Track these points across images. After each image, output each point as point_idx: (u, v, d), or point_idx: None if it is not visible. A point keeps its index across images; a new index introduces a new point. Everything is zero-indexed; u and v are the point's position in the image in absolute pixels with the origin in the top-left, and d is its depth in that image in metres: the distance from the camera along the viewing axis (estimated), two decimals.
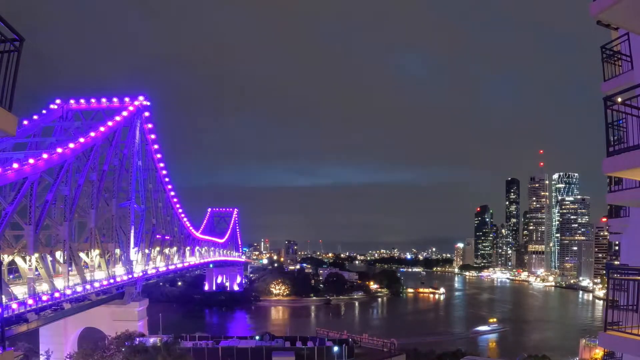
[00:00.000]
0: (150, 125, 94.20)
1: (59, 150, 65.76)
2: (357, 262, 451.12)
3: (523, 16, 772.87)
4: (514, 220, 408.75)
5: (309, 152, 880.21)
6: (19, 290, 59.10)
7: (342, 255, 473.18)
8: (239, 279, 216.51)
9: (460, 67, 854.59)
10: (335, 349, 69.88)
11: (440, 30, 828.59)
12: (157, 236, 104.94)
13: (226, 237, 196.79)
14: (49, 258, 67.24)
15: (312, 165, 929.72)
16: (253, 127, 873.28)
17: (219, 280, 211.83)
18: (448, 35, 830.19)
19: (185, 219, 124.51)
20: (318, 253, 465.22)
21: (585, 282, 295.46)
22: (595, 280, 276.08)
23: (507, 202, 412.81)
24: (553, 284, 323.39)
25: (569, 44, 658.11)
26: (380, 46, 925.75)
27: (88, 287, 70.40)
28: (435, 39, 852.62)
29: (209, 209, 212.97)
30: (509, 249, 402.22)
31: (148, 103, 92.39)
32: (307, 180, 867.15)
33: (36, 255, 60.64)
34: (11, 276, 63.13)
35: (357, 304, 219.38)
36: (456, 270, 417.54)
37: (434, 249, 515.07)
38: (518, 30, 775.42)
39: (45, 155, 62.75)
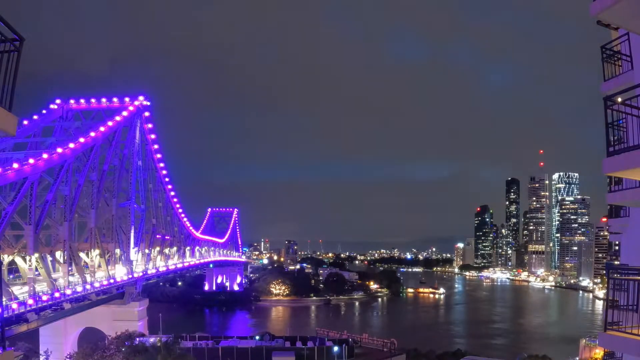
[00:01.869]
0: (150, 125, 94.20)
1: (59, 150, 65.76)
2: (357, 262, 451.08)
3: (524, 15, 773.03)
4: (514, 220, 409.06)
5: (309, 150, 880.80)
6: (19, 291, 59.13)
7: (342, 255, 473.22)
8: (239, 279, 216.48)
9: (460, 66, 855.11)
10: (335, 349, 69.81)
11: (441, 19, 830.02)
12: (157, 236, 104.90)
13: (226, 237, 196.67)
14: (49, 258, 67.25)
15: (312, 163, 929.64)
16: (253, 124, 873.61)
17: (219, 280, 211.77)
18: (448, 22, 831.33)
19: (185, 219, 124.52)
20: (318, 253, 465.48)
21: (585, 282, 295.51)
22: (595, 280, 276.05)
23: (507, 202, 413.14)
24: (553, 284, 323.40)
25: (569, 43, 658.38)
26: (380, 43, 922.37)
27: (88, 287, 70.40)
28: (434, 31, 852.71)
29: (209, 209, 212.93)
30: (509, 249, 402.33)
31: (148, 103, 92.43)
32: (307, 179, 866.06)
33: (36, 255, 60.63)
34: (11, 276, 63.13)
35: (357, 304, 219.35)
36: (456, 270, 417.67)
37: (434, 249, 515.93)
38: (518, 29, 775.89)
39: (45, 155, 62.75)
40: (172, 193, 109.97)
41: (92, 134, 75.36)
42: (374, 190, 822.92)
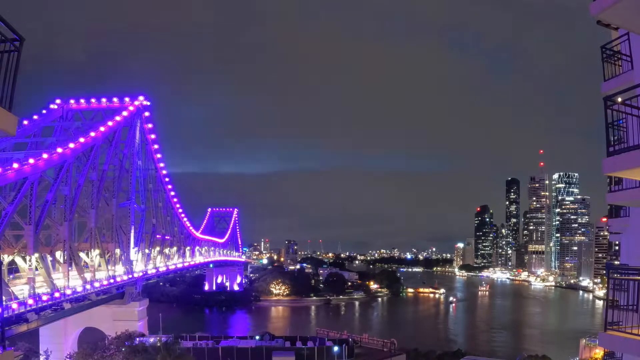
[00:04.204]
0: (150, 125, 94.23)
1: (59, 150, 65.74)
2: (357, 262, 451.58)
3: (523, 14, 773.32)
4: (514, 220, 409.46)
5: (309, 147, 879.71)
6: (19, 290, 59.11)
7: (342, 255, 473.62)
8: (239, 279, 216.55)
9: (459, 66, 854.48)
10: (335, 349, 69.82)
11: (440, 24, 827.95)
12: (157, 236, 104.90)
13: (226, 237, 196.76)
14: (49, 258, 67.24)
15: (312, 161, 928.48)
16: (252, 122, 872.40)
17: (219, 280, 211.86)
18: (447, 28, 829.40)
19: (185, 219, 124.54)
20: (318, 253, 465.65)
21: (585, 282, 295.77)
22: (595, 280, 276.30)
23: (507, 202, 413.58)
24: (553, 284, 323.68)
25: (569, 42, 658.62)
26: (380, 34, 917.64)
27: (88, 287, 70.38)
28: (434, 33, 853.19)
29: (209, 209, 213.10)
30: (509, 249, 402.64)
31: (148, 103, 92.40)
32: (308, 177, 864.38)
33: (36, 255, 60.61)
34: (11, 276, 63.13)
35: (357, 304, 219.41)
36: (456, 270, 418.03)
37: (434, 249, 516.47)
38: (518, 28, 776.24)
39: (45, 155, 62.72)
40: (172, 193, 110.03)
41: (92, 134, 75.33)
42: (375, 189, 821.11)
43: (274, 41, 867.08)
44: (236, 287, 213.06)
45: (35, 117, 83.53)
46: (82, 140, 71.99)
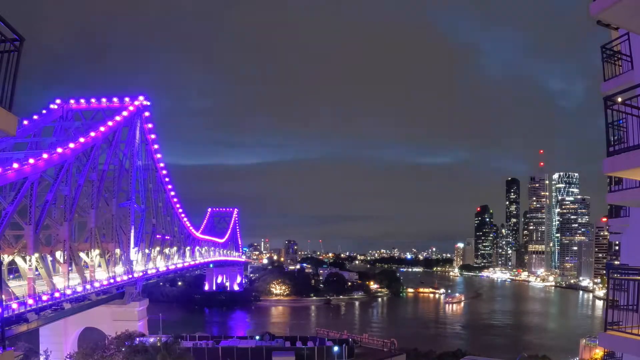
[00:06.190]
0: (150, 125, 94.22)
1: (59, 150, 65.75)
2: (357, 262, 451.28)
3: (523, 13, 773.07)
4: (514, 220, 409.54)
5: (308, 145, 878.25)
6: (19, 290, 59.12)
7: (342, 255, 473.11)
8: (239, 279, 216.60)
9: (459, 65, 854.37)
10: (335, 348, 69.88)
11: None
12: (157, 236, 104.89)
13: (226, 237, 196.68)
14: (49, 258, 67.25)
15: (312, 159, 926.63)
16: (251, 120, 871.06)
17: (219, 280, 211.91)
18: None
19: (185, 219, 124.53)
20: (318, 253, 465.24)
21: (586, 282, 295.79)
22: (596, 280, 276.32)
23: (507, 202, 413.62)
24: (553, 284, 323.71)
25: (568, 42, 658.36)
26: (379, 30, 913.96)
27: (88, 287, 70.40)
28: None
29: (209, 209, 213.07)
30: (509, 249, 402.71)
31: (148, 103, 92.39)
32: (307, 176, 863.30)
33: (36, 255, 60.61)
34: (11, 276, 63.15)
35: (357, 304, 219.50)
36: (456, 270, 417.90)
37: (434, 249, 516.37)
38: (519, 28, 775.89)
39: (45, 155, 62.74)
40: (172, 193, 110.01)
41: (92, 134, 75.34)
42: (375, 186, 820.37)
43: (267, 29, 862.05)
44: (236, 287, 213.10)
45: (35, 117, 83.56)
46: (82, 140, 72.01)
